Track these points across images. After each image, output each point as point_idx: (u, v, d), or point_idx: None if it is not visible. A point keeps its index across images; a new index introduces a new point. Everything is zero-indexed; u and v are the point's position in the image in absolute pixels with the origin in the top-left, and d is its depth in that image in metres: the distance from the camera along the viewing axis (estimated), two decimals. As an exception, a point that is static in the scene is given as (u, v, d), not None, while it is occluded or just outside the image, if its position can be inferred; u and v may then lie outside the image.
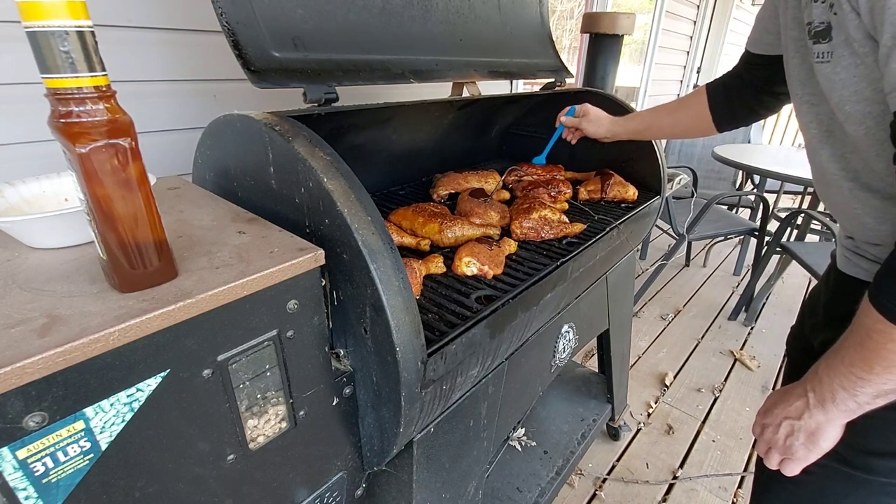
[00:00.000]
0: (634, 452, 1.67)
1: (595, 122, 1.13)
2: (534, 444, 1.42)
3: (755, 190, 3.09)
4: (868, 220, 0.58)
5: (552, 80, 1.29)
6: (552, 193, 1.17)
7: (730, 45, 4.69)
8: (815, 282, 0.73)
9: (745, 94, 0.89)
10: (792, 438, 0.58)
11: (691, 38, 4.25)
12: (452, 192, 1.18)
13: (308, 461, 0.64)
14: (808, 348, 0.73)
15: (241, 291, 0.48)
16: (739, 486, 1.56)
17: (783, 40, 0.64)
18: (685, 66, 4.36)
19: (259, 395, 0.54)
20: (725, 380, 2.06)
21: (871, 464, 0.60)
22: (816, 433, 0.56)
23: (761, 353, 2.23)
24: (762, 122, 4.10)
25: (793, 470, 0.59)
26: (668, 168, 1.28)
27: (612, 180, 1.20)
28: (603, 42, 1.60)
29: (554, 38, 1.36)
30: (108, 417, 0.42)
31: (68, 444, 0.40)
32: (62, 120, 0.39)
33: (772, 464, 0.61)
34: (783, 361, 0.86)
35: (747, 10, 4.94)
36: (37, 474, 0.39)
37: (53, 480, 0.40)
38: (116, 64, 0.96)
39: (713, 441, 1.73)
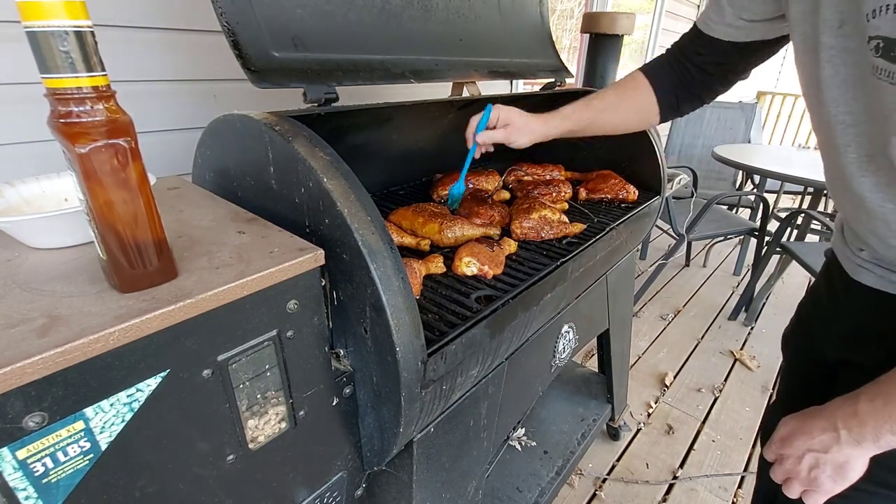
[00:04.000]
0: (634, 452, 1.67)
1: (524, 129, 0.88)
2: (534, 444, 1.42)
3: (755, 190, 3.09)
4: None
5: (552, 80, 1.29)
6: (552, 193, 1.17)
7: (730, 45, 4.68)
8: (823, 262, 0.71)
9: (689, 82, 0.80)
10: (817, 471, 0.55)
11: (691, 38, 4.24)
12: (452, 192, 1.18)
13: (308, 461, 0.64)
14: (816, 358, 0.71)
15: (240, 291, 0.48)
16: (739, 486, 1.56)
17: (794, 38, 0.57)
18: (685, 66, 4.35)
19: (259, 395, 0.54)
20: (725, 380, 2.06)
21: None
22: (845, 466, 0.53)
23: (761, 353, 2.23)
24: (762, 121, 4.10)
25: (816, 501, 0.57)
26: (668, 168, 1.28)
27: (612, 180, 1.20)
28: (603, 42, 1.60)
29: (554, 38, 1.36)
30: (107, 417, 0.42)
31: (68, 445, 0.40)
32: (62, 120, 0.39)
33: (793, 494, 0.58)
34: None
35: (747, 10, 4.91)
36: (37, 474, 0.39)
37: (53, 480, 0.40)
38: (116, 64, 0.96)
39: (713, 441, 1.73)
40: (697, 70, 0.78)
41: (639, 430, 1.77)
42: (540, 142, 0.91)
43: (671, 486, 1.55)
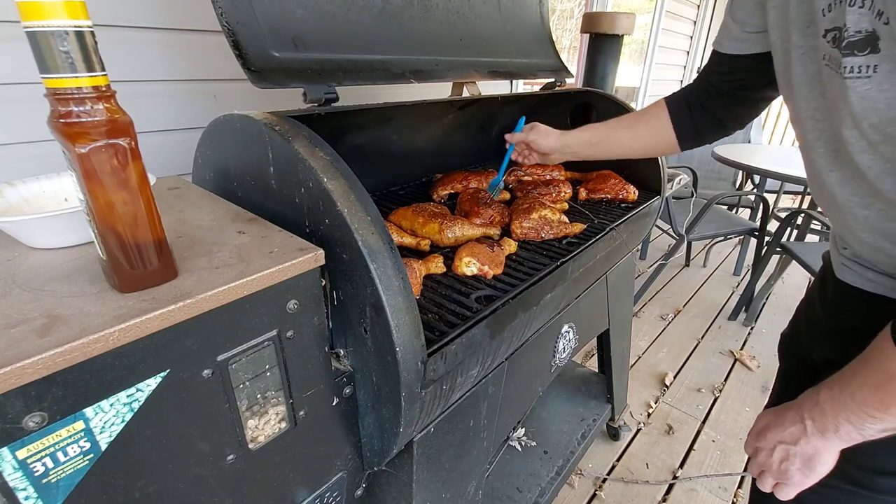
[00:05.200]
0: (634, 452, 1.67)
1: (544, 133, 1.00)
2: (534, 444, 1.42)
3: (755, 190, 3.09)
4: (886, 245, 0.53)
5: (552, 80, 1.29)
6: (552, 193, 1.17)
7: (730, 45, 4.69)
8: (821, 265, 0.71)
9: (713, 105, 0.81)
10: (787, 463, 0.56)
11: (691, 37, 4.25)
12: (452, 192, 1.18)
13: (308, 461, 0.64)
14: (804, 358, 0.72)
15: (240, 291, 0.48)
16: (739, 486, 1.56)
17: (773, 40, 0.59)
18: (685, 67, 4.36)
19: (259, 395, 0.54)
20: (725, 380, 2.06)
21: (879, 483, 0.59)
22: (813, 459, 0.54)
23: (761, 353, 2.23)
24: (762, 121, 4.11)
25: (787, 494, 0.58)
26: (668, 168, 1.28)
27: (612, 180, 1.20)
28: (603, 42, 1.60)
29: (554, 38, 1.36)
30: (107, 418, 0.42)
31: (68, 445, 0.40)
32: (62, 120, 0.39)
33: (765, 487, 0.60)
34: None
35: (747, 10, 4.92)
36: (36, 474, 0.39)
37: (53, 480, 0.40)
38: (116, 64, 0.96)
39: (713, 441, 1.73)
40: (717, 91, 0.79)
41: (639, 430, 1.77)
42: (562, 152, 1.00)
43: (671, 486, 1.55)
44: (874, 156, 0.48)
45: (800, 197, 3.41)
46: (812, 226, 2.73)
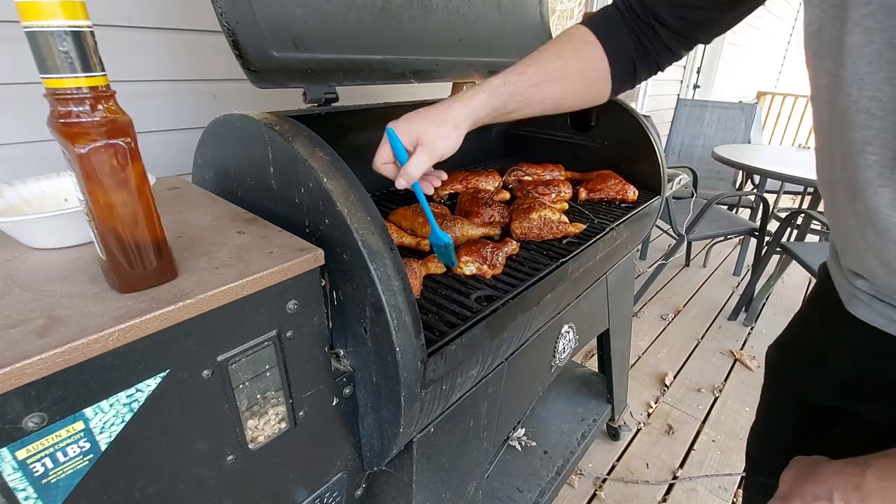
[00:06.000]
0: (634, 452, 1.67)
1: (441, 134, 0.63)
2: (534, 444, 1.42)
3: (755, 190, 3.09)
4: None
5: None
6: (552, 193, 1.17)
7: (730, 45, 4.69)
8: (815, 282, 0.62)
9: (654, 49, 0.64)
10: None
11: (691, 37, 4.25)
12: (452, 192, 1.18)
13: (308, 461, 0.64)
14: (809, 398, 0.63)
15: (240, 292, 0.48)
16: (739, 486, 1.56)
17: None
18: (685, 66, 4.36)
19: (259, 396, 0.54)
20: (725, 380, 2.06)
21: None
22: None
23: (761, 353, 2.23)
24: (762, 122, 4.10)
25: None
26: (668, 168, 1.28)
27: (612, 180, 1.20)
28: (603, 42, 1.60)
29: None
30: (107, 418, 0.42)
31: (68, 445, 0.40)
32: (61, 120, 0.39)
33: None
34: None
35: (747, 9, 4.92)
36: (36, 475, 0.39)
37: (53, 481, 0.40)
38: (116, 64, 0.96)
39: (713, 441, 1.73)
40: (666, 29, 0.62)
41: (639, 430, 1.77)
42: (474, 129, 0.66)
43: (671, 486, 1.55)
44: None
45: (800, 197, 3.41)
46: (812, 226, 2.73)
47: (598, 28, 0.66)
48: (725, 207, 3.02)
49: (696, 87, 4.48)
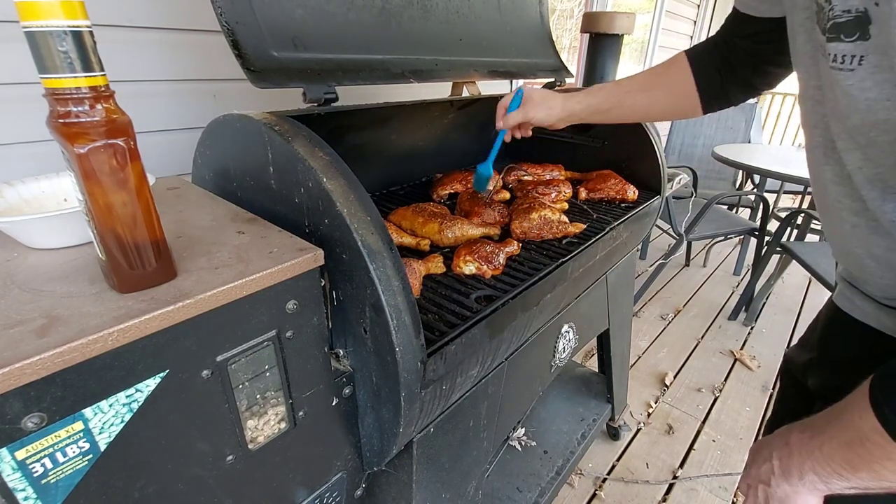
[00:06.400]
0: (634, 452, 1.67)
1: (542, 104, 0.86)
2: (534, 444, 1.42)
3: (755, 190, 3.09)
4: (869, 264, 0.48)
5: (552, 79, 1.29)
6: (552, 193, 1.17)
7: (730, 44, 4.69)
8: (815, 283, 0.66)
9: (741, 65, 0.70)
10: None
11: (691, 37, 4.25)
12: (452, 192, 1.18)
13: (308, 461, 0.64)
14: (798, 382, 0.68)
15: (240, 292, 0.48)
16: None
17: (786, 6, 0.50)
18: (685, 66, 4.36)
19: (258, 396, 0.54)
20: (725, 380, 2.06)
21: None
22: (787, 503, 0.49)
23: (761, 353, 2.23)
24: (762, 121, 4.10)
25: None
26: (668, 168, 1.28)
27: (612, 180, 1.20)
28: (603, 42, 1.60)
29: (554, 38, 1.36)
30: (106, 418, 0.42)
31: (67, 445, 0.40)
32: (60, 120, 0.39)
33: None
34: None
35: (747, 9, 4.92)
36: (36, 475, 0.39)
37: (52, 481, 0.40)
38: (115, 64, 0.96)
39: (713, 441, 1.73)
40: (745, 52, 0.69)
41: (639, 430, 1.77)
42: (566, 121, 0.87)
43: (671, 486, 1.55)
44: (864, 159, 0.42)
45: (800, 197, 3.41)
46: (812, 225, 2.73)
47: (691, 50, 0.76)
48: (725, 207, 3.02)
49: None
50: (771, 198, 3.16)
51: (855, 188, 0.44)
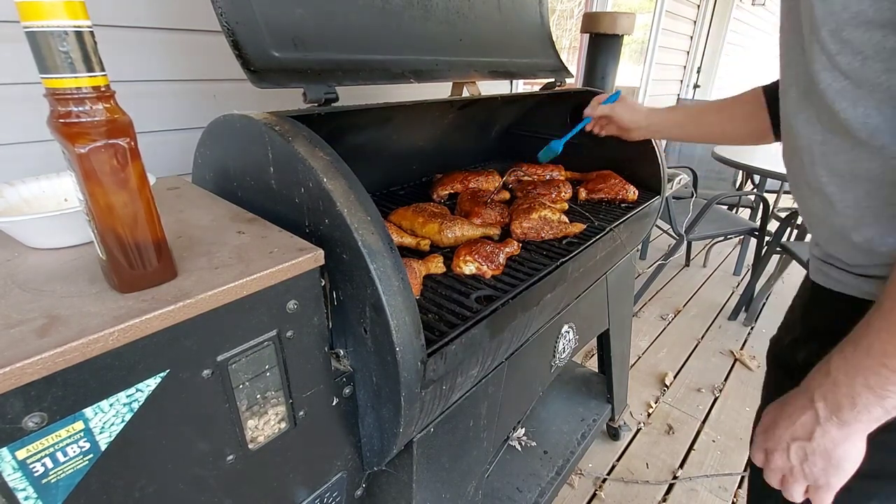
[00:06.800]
0: (634, 452, 1.67)
1: (631, 108, 1.02)
2: (534, 444, 1.42)
3: (755, 190, 3.09)
4: (832, 190, 0.49)
5: (552, 79, 1.29)
6: (552, 193, 1.17)
7: (730, 45, 4.69)
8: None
9: None
10: (809, 466, 0.47)
11: (691, 37, 4.25)
12: (452, 192, 1.18)
13: (308, 461, 0.64)
14: (787, 365, 0.68)
15: (240, 292, 0.48)
16: (739, 486, 1.56)
17: None
18: (685, 66, 4.36)
19: (259, 396, 0.54)
20: (725, 380, 2.06)
21: None
22: (835, 454, 0.46)
23: (761, 353, 2.23)
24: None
25: (824, 500, 0.49)
26: (668, 168, 1.28)
27: (612, 180, 1.20)
28: (603, 42, 1.60)
29: (554, 38, 1.36)
30: (107, 418, 0.42)
31: (68, 445, 0.40)
32: (61, 120, 0.39)
33: (796, 497, 0.51)
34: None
35: (747, 10, 4.93)
36: (36, 475, 0.39)
37: (53, 481, 0.40)
38: (116, 64, 0.96)
39: (713, 441, 1.73)
40: None
41: (639, 430, 1.77)
42: (647, 129, 1.01)
43: (671, 486, 1.55)
44: (834, 73, 0.45)
45: (800, 197, 3.40)
46: (812, 226, 2.73)
47: (767, 88, 0.80)
48: (725, 207, 3.02)
49: (696, 86, 4.49)
50: (771, 198, 3.15)
51: (826, 115, 0.47)
